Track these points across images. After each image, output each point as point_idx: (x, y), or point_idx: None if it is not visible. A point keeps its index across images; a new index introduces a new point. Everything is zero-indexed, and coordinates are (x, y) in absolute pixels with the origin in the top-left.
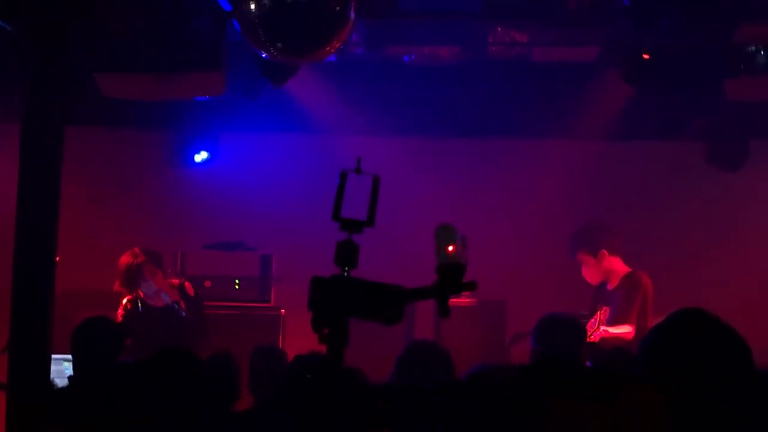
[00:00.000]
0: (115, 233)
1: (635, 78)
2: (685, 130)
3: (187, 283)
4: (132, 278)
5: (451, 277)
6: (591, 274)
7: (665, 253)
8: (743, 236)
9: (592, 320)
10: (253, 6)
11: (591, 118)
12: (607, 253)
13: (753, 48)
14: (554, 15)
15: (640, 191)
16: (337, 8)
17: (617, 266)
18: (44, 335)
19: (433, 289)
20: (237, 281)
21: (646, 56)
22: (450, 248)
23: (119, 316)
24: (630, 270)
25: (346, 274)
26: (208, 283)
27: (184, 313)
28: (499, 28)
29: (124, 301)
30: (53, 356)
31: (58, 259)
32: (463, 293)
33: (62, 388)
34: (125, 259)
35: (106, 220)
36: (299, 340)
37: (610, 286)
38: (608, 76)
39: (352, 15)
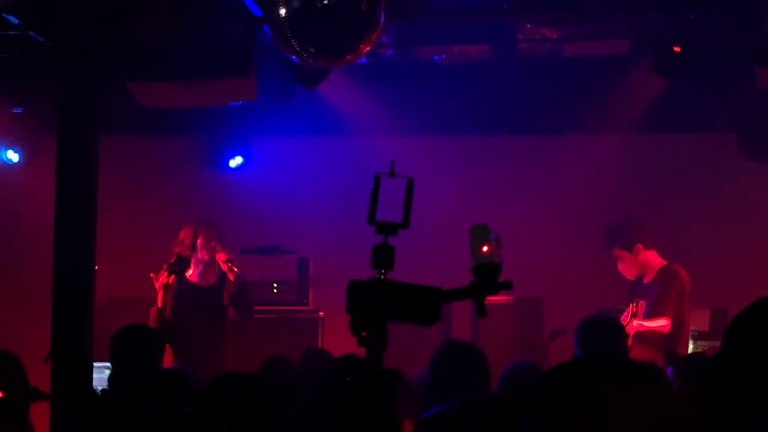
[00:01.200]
0: (152, 241)
1: (666, 71)
2: (718, 122)
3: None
4: (191, 246)
5: (487, 276)
6: (627, 269)
7: (700, 245)
8: None
9: (625, 314)
10: (283, 11)
11: (623, 111)
12: (642, 247)
13: None
14: (582, 8)
15: (673, 183)
16: (368, 11)
17: (653, 260)
18: (85, 343)
19: (469, 289)
20: (275, 285)
21: (677, 48)
22: (485, 248)
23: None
24: (666, 263)
25: (382, 276)
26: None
27: (238, 279)
28: (528, 25)
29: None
30: (95, 364)
31: (97, 267)
32: (499, 291)
33: (99, 397)
34: (186, 231)
35: (142, 227)
36: (338, 342)
37: (646, 280)
38: (639, 69)
39: (383, 17)
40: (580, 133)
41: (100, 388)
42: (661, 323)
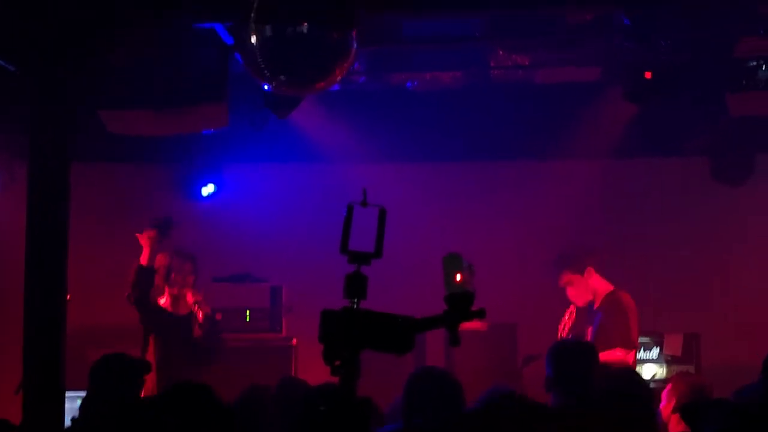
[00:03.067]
0: (124, 269)
1: (638, 97)
2: (689, 146)
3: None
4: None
5: (461, 305)
6: (578, 295)
7: (673, 269)
8: (749, 250)
9: (561, 325)
10: (254, 39)
11: (595, 137)
12: (593, 270)
13: (755, 63)
14: (554, 36)
15: (645, 208)
16: (339, 39)
17: (601, 285)
18: (57, 373)
19: (443, 318)
20: (248, 312)
21: (647, 75)
22: (458, 277)
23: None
24: (612, 288)
25: (355, 306)
26: (219, 316)
27: (206, 322)
28: (501, 51)
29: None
30: (67, 393)
31: (68, 297)
32: (473, 320)
33: (70, 427)
34: (162, 259)
35: (115, 256)
36: (312, 369)
37: (595, 305)
38: (611, 94)
39: (355, 45)
40: (554, 159)
41: (70, 417)
42: (624, 355)
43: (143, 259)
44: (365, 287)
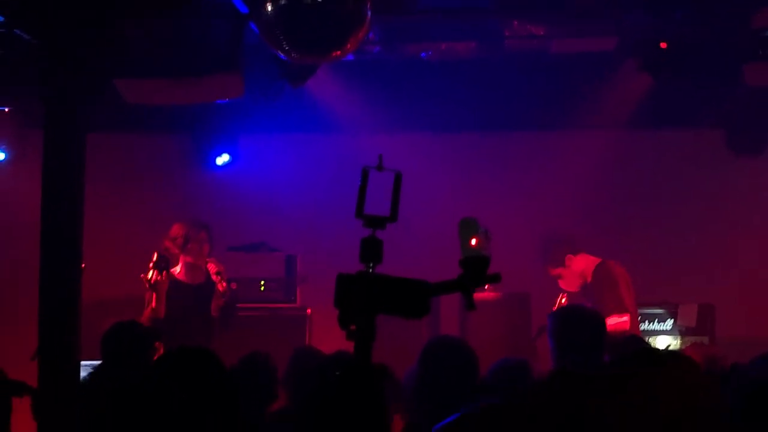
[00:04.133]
0: (139, 238)
1: (653, 68)
2: (706, 118)
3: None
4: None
5: (476, 269)
6: (569, 282)
7: (687, 241)
8: (764, 221)
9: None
10: (269, 8)
11: (610, 108)
12: (572, 255)
13: None
14: (569, 6)
15: (660, 180)
16: (354, 8)
17: (586, 261)
18: (72, 342)
19: (457, 282)
20: (262, 282)
21: (663, 45)
22: (473, 241)
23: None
24: (599, 260)
25: (371, 270)
26: (234, 285)
27: (227, 294)
28: (516, 22)
29: (150, 274)
30: (82, 363)
31: (83, 266)
32: (487, 286)
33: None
34: (178, 229)
35: (129, 225)
36: (326, 339)
37: (588, 281)
38: (627, 65)
39: (369, 14)
40: (569, 130)
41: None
42: (618, 320)
43: (153, 302)
44: (381, 251)
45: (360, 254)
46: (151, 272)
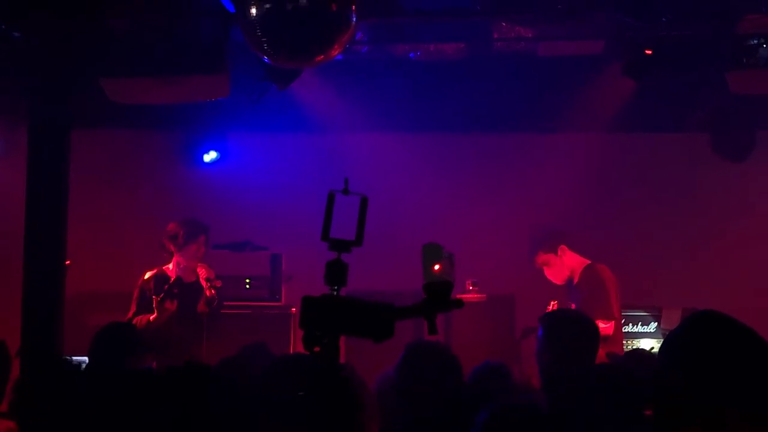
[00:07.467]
0: (124, 235)
1: (638, 73)
2: (690, 122)
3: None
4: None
5: (439, 295)
6: (556, 273)
7: (672, 244)
8: (748, 225)
9: None
10: (254, 11)
11: (596, 110)
12: (566, 247)
13: (756, 41)
14: (557, 10)
15: (646, 182)
16: (338, 12)
17: (577, 261)
18: (55, 339)
19: (420, 307)
20: (247, 281)
21: (648, 51)
22: (436, 267)
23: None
24: (589, 262)
25: (335, 292)
26: (218, 283)
27: (211, 295)
28: (504, 24)
29: (147, 275)
30: (65, 357)
31: (67, 263)
32: (471, 288)
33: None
34: (176, 229)
35: (115, 222)
36: None
37: (574, 281)
38: (613, 68)
39: (354, 18)
40: (556, 132)
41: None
42: (602, 326)
43: (153, 316)
44: (345, 275)
45: (325, 277)
46: (162, 296)
